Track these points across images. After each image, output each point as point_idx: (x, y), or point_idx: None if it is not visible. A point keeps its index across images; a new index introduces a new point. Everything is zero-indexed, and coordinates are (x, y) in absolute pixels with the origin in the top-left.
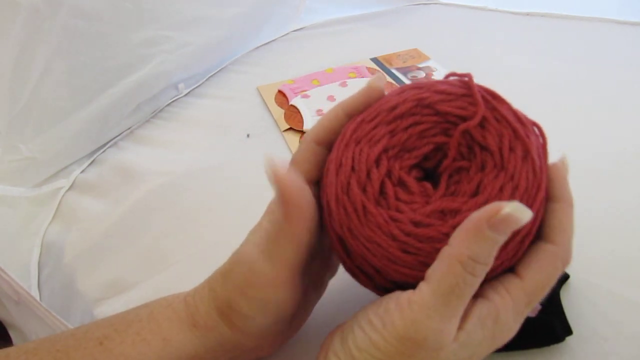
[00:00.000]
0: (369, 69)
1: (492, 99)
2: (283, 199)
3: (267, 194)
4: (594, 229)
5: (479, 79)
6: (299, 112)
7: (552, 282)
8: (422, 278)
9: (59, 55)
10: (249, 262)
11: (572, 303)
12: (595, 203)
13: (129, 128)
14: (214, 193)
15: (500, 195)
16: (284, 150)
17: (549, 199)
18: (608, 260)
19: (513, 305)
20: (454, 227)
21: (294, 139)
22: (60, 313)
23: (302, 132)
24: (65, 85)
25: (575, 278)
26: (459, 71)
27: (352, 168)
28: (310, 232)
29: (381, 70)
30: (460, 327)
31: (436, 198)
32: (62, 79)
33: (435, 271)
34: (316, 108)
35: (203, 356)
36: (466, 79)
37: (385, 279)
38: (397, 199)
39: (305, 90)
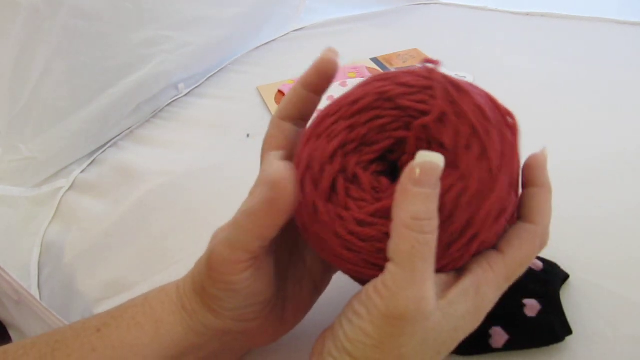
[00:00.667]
0: (369, 69)
1: (455, 92)
2: (273, 183)
3: None
4: (594, 229)
5: (479, 79)
6: None
7: (531, 258)
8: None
9: (59, 55)
10: (212, 246)
11: (572, 303)
12: (595, 203)
13: (129, 128)
14: (214, 193)
15: (445, 195)
16: None
17: (529, 184)
18: (608, 260)
19: (494, 277)
20: None
21: None
22: (60, 313)
23: None
24: (65, 85)
25: (575, 278)
26: (460, 72)
27: (308, 165)
28: (278, 222)
29: (381, 70)
30: (442, 296)
31: (388, 195)
32: (62, 79)
33: (391, 247)
34: None
35: (193, 340)
36: (431, 65)
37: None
38: (348, 195)
39: None
